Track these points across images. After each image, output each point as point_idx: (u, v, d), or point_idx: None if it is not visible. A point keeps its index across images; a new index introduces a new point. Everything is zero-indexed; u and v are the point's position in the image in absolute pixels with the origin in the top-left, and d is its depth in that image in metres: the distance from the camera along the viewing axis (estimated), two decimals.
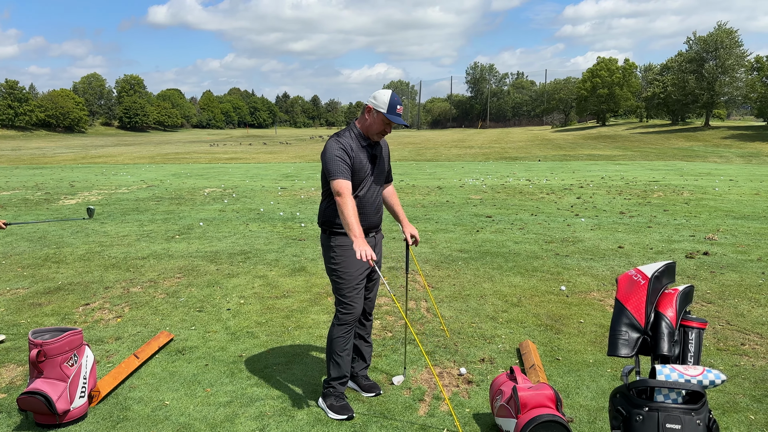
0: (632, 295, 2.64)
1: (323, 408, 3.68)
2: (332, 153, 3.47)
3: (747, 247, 8.13)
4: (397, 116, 3.50)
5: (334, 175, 3.44)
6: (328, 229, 3.61)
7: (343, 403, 3.67)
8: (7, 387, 3.97)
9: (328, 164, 3.46)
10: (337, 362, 3.66)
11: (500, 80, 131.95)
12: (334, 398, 3.67)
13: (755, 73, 55.38)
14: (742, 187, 15.82)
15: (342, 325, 3.63)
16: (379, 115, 3.49)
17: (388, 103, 3.47)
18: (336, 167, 3.44)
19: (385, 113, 3.47)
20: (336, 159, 3.45)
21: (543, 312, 5.46)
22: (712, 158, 30.84)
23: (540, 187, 16.13)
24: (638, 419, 2.46)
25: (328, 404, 3.66)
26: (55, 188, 16.73)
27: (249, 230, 9.80)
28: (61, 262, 7.51)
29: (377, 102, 3.49)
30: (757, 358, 4.38)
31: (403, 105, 3.61)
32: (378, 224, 3.74)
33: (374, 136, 3.57)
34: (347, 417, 3.58)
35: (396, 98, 3.51)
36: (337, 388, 3.68)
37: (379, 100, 3.49)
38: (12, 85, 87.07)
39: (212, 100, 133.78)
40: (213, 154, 35.45)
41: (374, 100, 3.51)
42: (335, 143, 3.51)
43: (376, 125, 3.53)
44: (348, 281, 3.58)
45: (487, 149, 39.19)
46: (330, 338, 3.68)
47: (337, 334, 3.64)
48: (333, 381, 3.68)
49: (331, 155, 3.46)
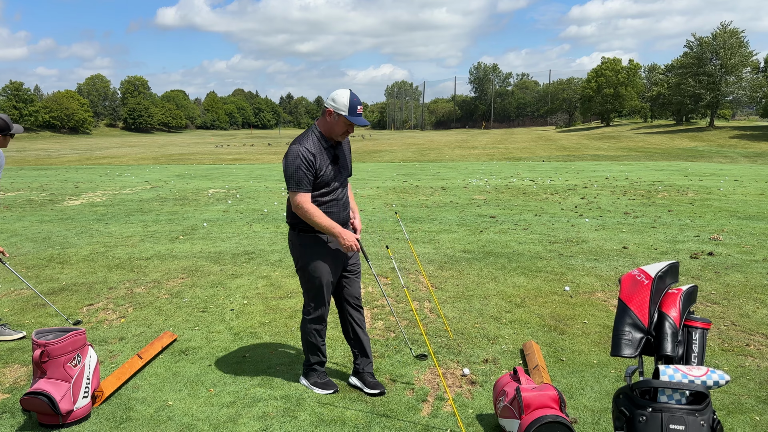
0: (635, 295, 2.63)
1: (307, 386, 3.93)
2: (294, 162, 3.45)
3: (752, 248, 8.10)
4: (357, 117, 3.50)
5: (292, 187, 3.48)
6: (297, 227, 3.69)
7: (326, 380, 3.95)
8: (11, 387, 3.98)
9: (288, 174, 3.47)
10: (315, 352, 3.91)
11: (504, 80, 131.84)
12: (316, 375, 3.93)
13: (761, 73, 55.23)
14: (747, 188, 15.75)
15: (314, 321, 3.83)
16: (341, 117, 3.48)
17: (348, 104, 3.45)
18: (296, 178, 3.45)
19: (347, 115, 3.46)
20: (297, 169, 3.44)
21: (547, 312, 5.45)
22: (717, 158, 30.73)
23: (544, 188, 16.10)
24: (642, 420, 2.45)
25: (312, 382, 3.92)
26: (59, 189, 16.78)
27: (253, 231, 9.81)
28: (65, 263, 7.53)
29: (337, 104, 3.46)
30: (762, 359, 4.36)
31: (362, 104, 3.58)
32: (347, 220, 3.83)
33: (337, 137, 3.57)
34: (333, 391, 3.85)
35: (355, 98, 3.49)
36: (317, 368, 3.95)
37: (339, 102, 3.46)
38: (17, 87, 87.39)
39: (216, 101, 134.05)
40: (217, 155, 35.51)
41: (333, 102, 3.48)
42: (298, 151, 3.46)
43: (338, 127, 3.52)
44: (318, 278, 3.69)
45: (490, 150, 39.15)
46: (304, 332, 3.88)
47: (310, 329, 3.85)
48: (314, 364, 3.94)
49: (293, 165, 3.45)
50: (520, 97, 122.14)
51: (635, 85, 76.44)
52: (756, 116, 74.72)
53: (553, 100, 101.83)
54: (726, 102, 59.65)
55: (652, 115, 76.80)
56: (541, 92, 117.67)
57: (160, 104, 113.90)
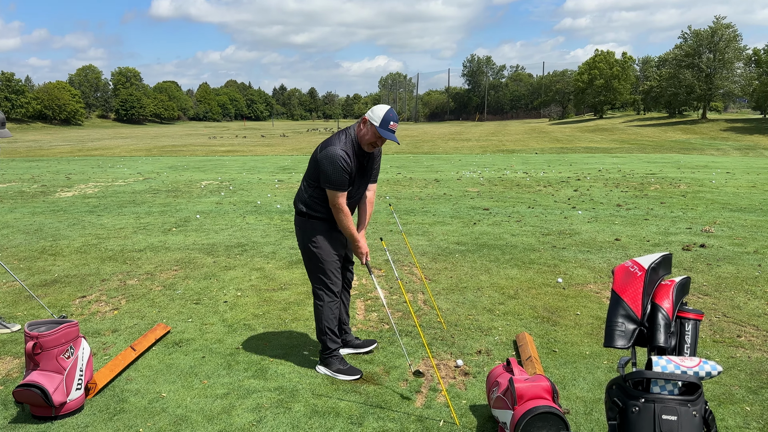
0: (629, 287, 2.64)
1: (330, 374, 3.97)
2: (339, 165, 3.66)
3: (743, 240, 8.15)
4: (388, 132, 3.68)
5: (337, 188, 3.70)
6: (308, 215, 3.89)
7: (348, 366, 4.01)
8: (4, 379, 3.96)
9: (331, 175, 3.67)
10: (334, 338, 4.01)
11: (497, 72, 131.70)
12: (338, 362, 4.00)
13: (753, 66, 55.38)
14: (739, 180, 15.83)
15: (330, 302, 3.96)
16: (372, 127, 3.69)
17: (382, 117, 3.67)
18: (337, 181, 3.68)
19: (378, 127, 3.66)
20: (341, 171, 3.67)
21: (540, 304, 5.47)
22: (709, 151, 30.85)
23: (537, 180, 16.13)
24: (634, 410, 2.46)
25: (335, 369, 3.97)
26: (51, 181, 16.67)
27: (246, 223, 9.79)
28: (57, 255, 7.49)
29: (373, 115, 3.70)
30: (752, 350, 4.40)
31: (398, 122, 3.77)
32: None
33: (366, 146, 3.77)
34: (359, 376, 3.92)
35: (391, 115, 3.70)
36: (337, 355, 4.03)
37: (375, 113, 3.70)
38: (8, 77, 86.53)
39: (209, 93, 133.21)
40: (210, 147, 35.34)
41: (371, 113, 3.73)
42: (340, 155, 3.66)
43: (368, 136, 3.73)
44: (330, 261, 3.92)
45: (484, 142, 39.15)
46: (320, 317, 3.97)
47: (326, 311, 3.96)
48: (333, 351, 4.01)
49: (338, 167, 3.67)
50: (514, 90, 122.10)
51: (628, 78, 76.52)
52: (748, 109, 75.01)
53: (546, 93, 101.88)
54: (718, 95, 59.83)
55: (645, 108, 76.94)
56: (535, 84, 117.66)
57: (152, 95, 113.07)
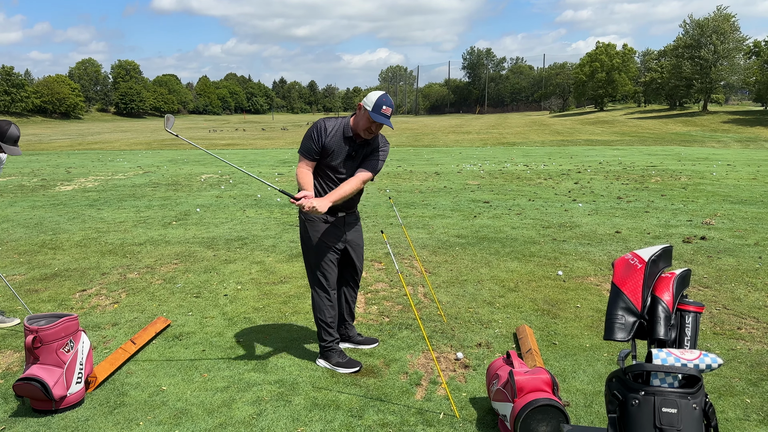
0: (629, 279, 2.63)
1: (330, 367, 3.98)
2: (310, 131, 3.78)
3: (744, 232, 8.14)
4: (381, 116, 3.66)
5: (300, 151, 3.82)
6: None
7: (347, 358, 4.00)
8: (4, 373, 3.96)
9: (303, 139, 3.82)
10: (328, 330, 4.00)
11: (498, 65, 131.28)
12: (337, 355, 4.00)
13: (753, 58, 55.18)
14: (740, 172, 15.81)
15: (323, 294, 3.97)
16: (366, 112, 3.68)
17: (374, 102, 3.67)
18: (305, 145, 3.79)
19: (371, 111, 3.65)
20: (309, 138, 3.77)
21: (540, 297, 5.47)
22: (710, 143, 30.79)
23: (537, 173, 16.11)
24: (634, 403, 2.46)
25: (334, 362, 3.98)
26: (51, 174, 16.66)
27: (246, 216, 9.78)
28: (57, 249, 7.49)
29: (367, 101, 3.72)
30: (753, 342, 4.40)
31: (392, 107, 3.76)
32: (349, 207, 3.99)
33: (362, 132, 3.76)
34: (358, 369, 3.93)
35: (384, 100, 3.69)
36: (335, 348, 4.02)
37: (369, 99, 3.71)
38: (8, 71, 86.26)
39: (209, 86, 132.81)
40: (210, 140, 35.28)
41: (365, 99, 3.74)
42: (317, 122, 3.80)
43: (363, 122, 3.73)
44: (323, 254, 3.94)
45: (484, 135, 39.08)
46: (316, 309, 3.99)
47: (319, 303, 3.97)
48: (329, 344, 4.00)
49: (309, 133, 3.79)
50: (515, 82, 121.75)
51: (629, 70, 76.26)
52: (749, 101, 74.83)
53: (547, 85, 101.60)
54: (719, 87, 59.64)
55: (646, 100, 76.74)
56: (536, 77, 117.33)
57: (152, 89, 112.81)
